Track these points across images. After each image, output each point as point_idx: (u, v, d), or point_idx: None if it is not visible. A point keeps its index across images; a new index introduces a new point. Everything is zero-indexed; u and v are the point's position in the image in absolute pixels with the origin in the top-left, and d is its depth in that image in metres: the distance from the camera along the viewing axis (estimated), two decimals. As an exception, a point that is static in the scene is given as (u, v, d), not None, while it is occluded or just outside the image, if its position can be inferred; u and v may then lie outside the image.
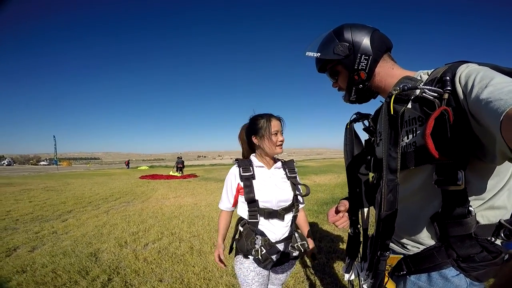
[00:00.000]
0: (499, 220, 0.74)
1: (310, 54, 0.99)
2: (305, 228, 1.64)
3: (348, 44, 0.90)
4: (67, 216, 5.83)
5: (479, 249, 0.75)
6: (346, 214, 1.17)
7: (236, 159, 1.56)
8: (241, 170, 1.47)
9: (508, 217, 0.76)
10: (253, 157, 1.55)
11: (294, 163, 1.63)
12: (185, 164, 22.14)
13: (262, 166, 1.52)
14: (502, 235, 0.72)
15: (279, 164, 1.56)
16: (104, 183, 13.40)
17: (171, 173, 19.14)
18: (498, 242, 0.76)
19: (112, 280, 2.76)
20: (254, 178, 1.46)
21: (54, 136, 44.12)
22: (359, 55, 0.89)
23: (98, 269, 2.99)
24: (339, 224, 1.15)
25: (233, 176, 1.50)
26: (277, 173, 1.53)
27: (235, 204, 1.53)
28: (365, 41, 0.89)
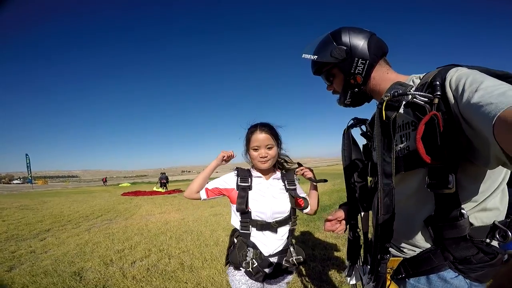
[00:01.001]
0: (493, 222, 0.75)
1: (307, 56, 1.00)
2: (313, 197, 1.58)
3: (345, 48, 0.91)
4: (45, 235, 5.50)
5: (475, 251, 0.75)
6: (343, 221, 1.18)
7: (236, 168, 1.54)
8: (239, 179, 1.45)
9: (502, 218, 0.77)
10: (252, 167, 1.54)
11: (296, 175, 1.56)
12: (169, 179, 21.65)
13: (260, 177, 1.49)
14: (498, 236, 0.73)
15: (278, 174, 1.53)
16: (84, 201, 12.79)
17: (154, 188, 18.65)
18: (495, 243, 0.77)
19: (99, 299, 2.60)
20: (250, 189, 1.44)
21: (26, 155, 42.10)
22: (356, 59, 0.91)
23: (83, 289, 2.82)
24: (335, 230, 1.17)
25: (229, 180, 1.49)
26: (276, 184, 1.50)
27: (207, 196, 1.49)
28: (363, 46, 0.90)
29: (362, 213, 1.13)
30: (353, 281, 1.15)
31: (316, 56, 0.97)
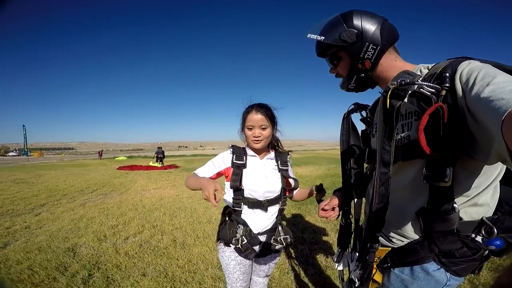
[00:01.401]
0: (481, 218, 0.76)
1: (313, 36, 0.94)
2: (303, 192, 1.63)
3: (356, 31, 0.87)
4: (40, 210, 5.56)
5: (460, 245, 0.77)
6: (336, 207, 1.19)
7: (232, 146, 1.55)
8: (234, 157, 1.47)
9: (490, 214, 0.78)
10: (246, 146, 1.55)
11: (289, 156, 1.60)
12: (165, 154, 21.71)
13: (255, 156, 1.52)
14: (483, 232, 0.75)
15: (272, 154, 1.56)
16: (80, 175, 12.86)
17: (151, 163, 18.72)
18: (479, 239, 0.79)
19: (92, 275, 2.69)
20: (245, 167, 1.47)
21: (23, 126, 41.46)
22: (367, 43, 0.87)
23: (77, 265, 2.90)
24: (328, 217, 1.18)
25: (225, 159, 1.50)
26: (269, 163, 1.53)
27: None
28: (375, 31, 0.87)
29: (355, 200, 1.14)
30: (340, 267, 1.18)
31: (323, 37, 0.92)
